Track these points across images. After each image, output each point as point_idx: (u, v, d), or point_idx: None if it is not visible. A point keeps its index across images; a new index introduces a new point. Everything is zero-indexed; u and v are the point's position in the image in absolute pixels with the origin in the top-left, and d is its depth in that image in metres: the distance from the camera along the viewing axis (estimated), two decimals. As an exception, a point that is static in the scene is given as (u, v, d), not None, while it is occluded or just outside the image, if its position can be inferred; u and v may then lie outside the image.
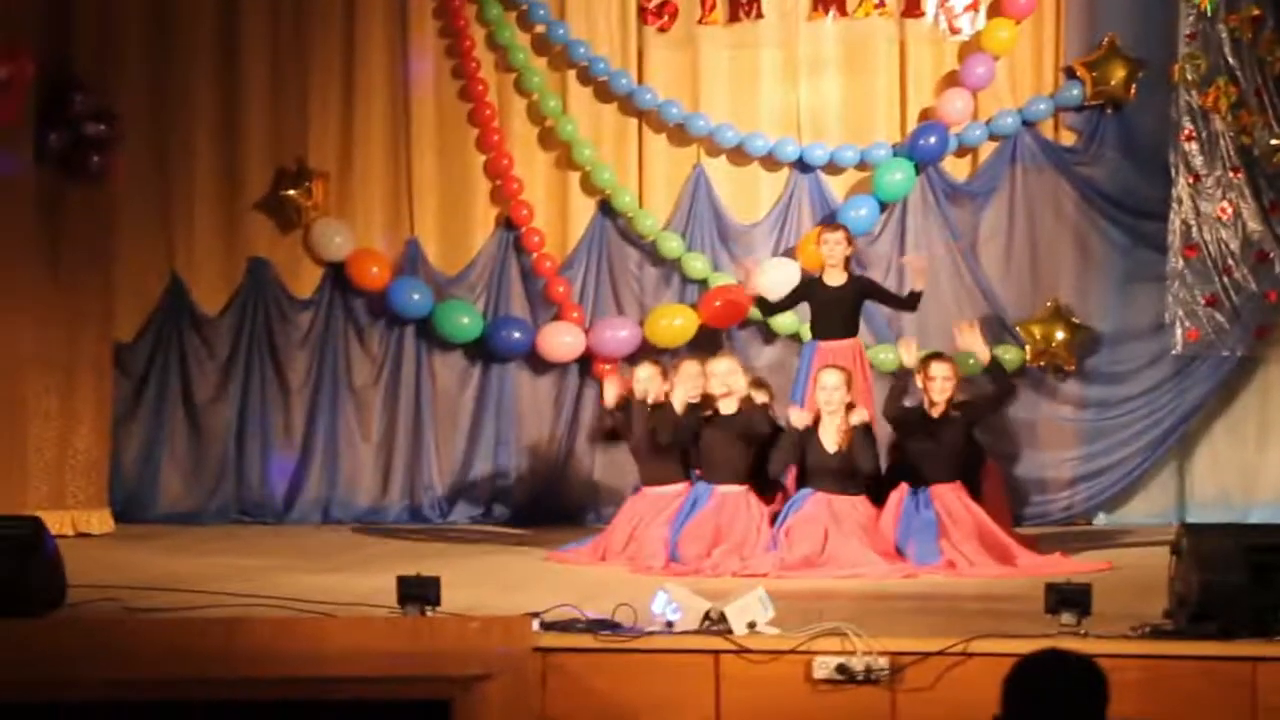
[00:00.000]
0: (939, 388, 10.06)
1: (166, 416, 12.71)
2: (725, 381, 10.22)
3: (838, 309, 11.00)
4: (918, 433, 10.04)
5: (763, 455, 10.19)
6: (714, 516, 9.93)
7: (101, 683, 6.46)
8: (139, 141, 12.55)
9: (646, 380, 10.54)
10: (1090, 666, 3.91)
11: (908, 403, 10.35)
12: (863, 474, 9.99)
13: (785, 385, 11.30)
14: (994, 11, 12.46)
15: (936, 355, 10.40)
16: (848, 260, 11.15)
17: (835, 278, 11.06)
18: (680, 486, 10.24)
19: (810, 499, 9.87)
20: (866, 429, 10.05)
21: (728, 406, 10.22)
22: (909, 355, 10.52)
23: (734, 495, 10.03)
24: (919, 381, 10.15)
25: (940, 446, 10.02)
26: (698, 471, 10.33)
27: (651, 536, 9.90)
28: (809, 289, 11.25)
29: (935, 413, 10.04)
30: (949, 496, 9.91)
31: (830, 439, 9.96)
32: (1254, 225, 11.64)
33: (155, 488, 12.62)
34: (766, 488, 10.26)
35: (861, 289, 11.13)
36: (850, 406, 10.05)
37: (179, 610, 7.52)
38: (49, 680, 6.50)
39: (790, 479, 10.30)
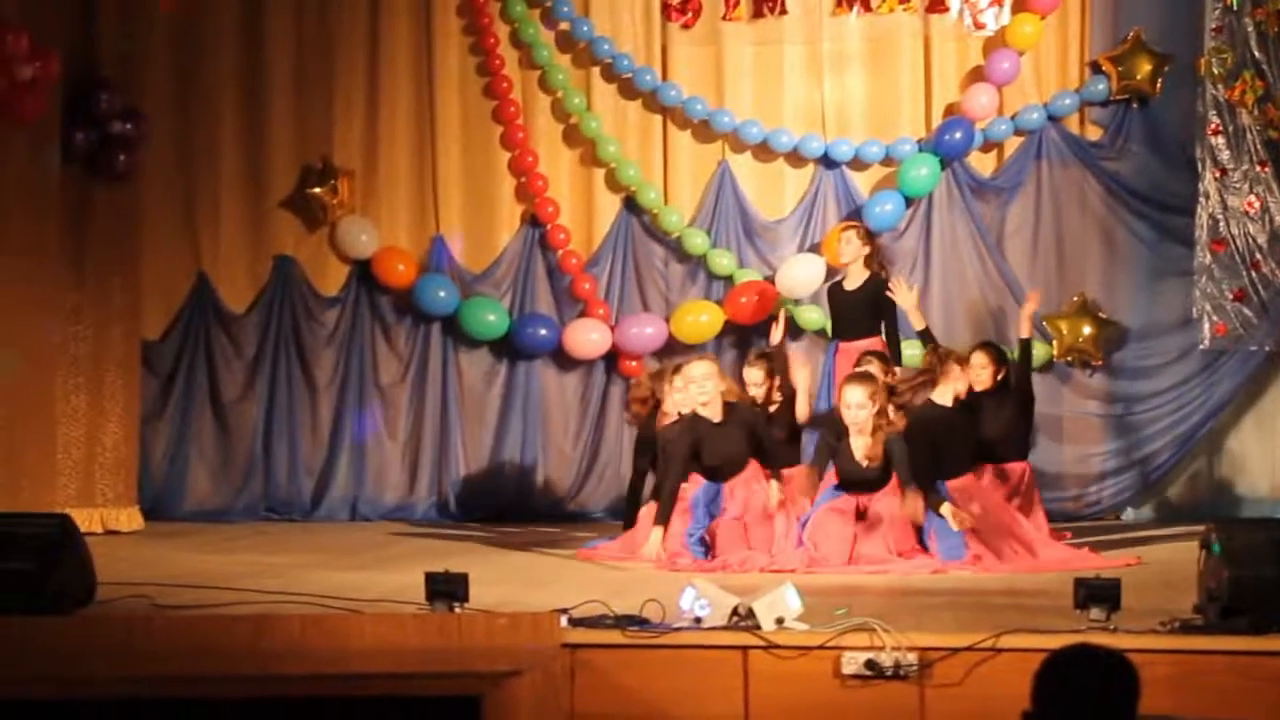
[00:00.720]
0: (979, 377, 10.06)
1: (194, 414, 12.75)
2: (703, 387, 9.95)
3: (855, 311, 11.03)
4: (941, 427, 9.94)
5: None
6: (736, 511, 9.88)
7: (130, 680, 6.46)
8: (165, 140, 12.60)
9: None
10: (1121, 661, 3.89)
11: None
12: (906, 483, 9.70)
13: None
14: (1019, 6, 12.45)
15: (981, 345, 10.43)
16: (868, 258, 11.13)
17: (853, 279, 11.10)
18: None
19: (840, 498, 9.77)
20: (899, 437, 9.69)
21: (713, 413, 10.09)
22: (906, 296, 10.74)
23: (744, 480, 10.00)
24: (949, 372, 10.01)
25: (977, 434, 10.00)
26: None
27: (677, 533, 9.86)
28: (829, 295, 11.35)
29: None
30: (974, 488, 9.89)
31: (861, 453, 9.76)
32: (1281, 219, 11.62)
33: (183, 485, 12.66)
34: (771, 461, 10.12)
35: (877, 294, 11.07)
36: (883, 415, 9.75)
37: (207, 607, 7.53)
38: (77, 677, 6.51)
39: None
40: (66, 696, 6.30)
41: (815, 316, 12.27)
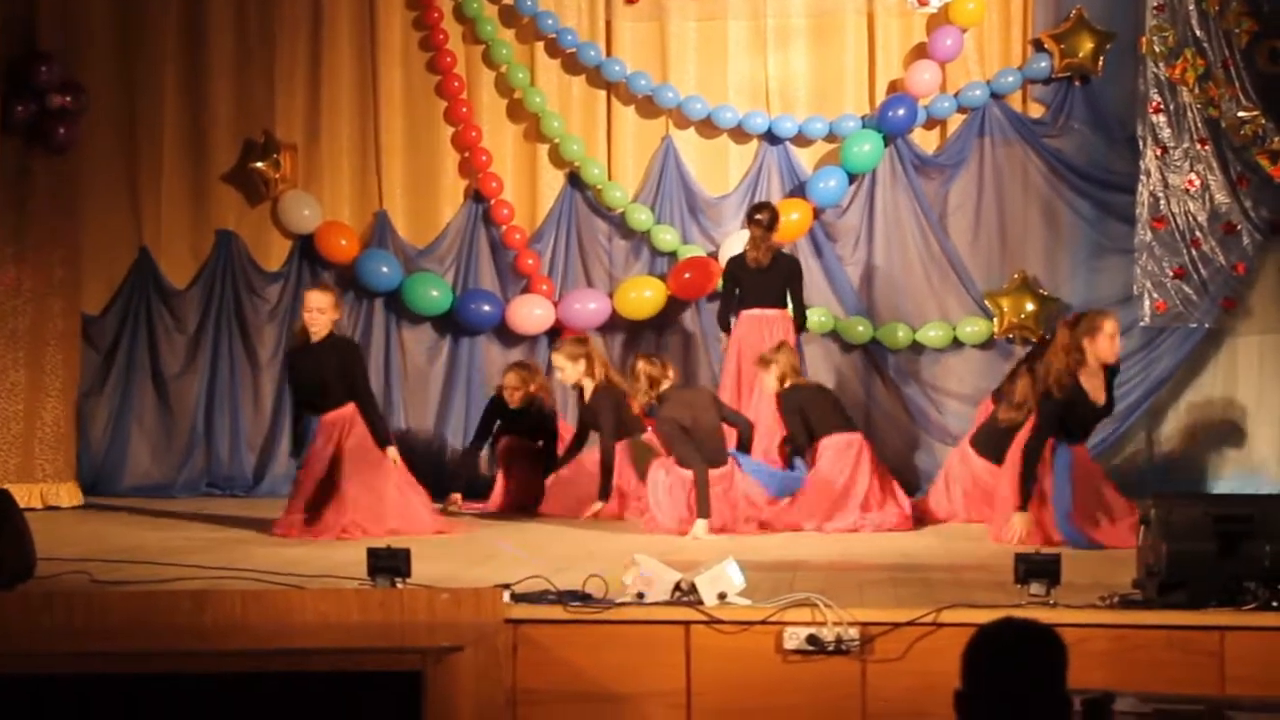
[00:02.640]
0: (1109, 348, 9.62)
1: (135, 390, 12.69)
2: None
3: (763, 283, 11.35)
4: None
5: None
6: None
7: (70, 655, 6.45)
8: (106, 114, 12.53)
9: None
10: (1047, 632, 3.90)
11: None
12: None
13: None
14: (962, -17, 12.48)
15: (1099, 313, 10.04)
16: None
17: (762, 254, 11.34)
18: None
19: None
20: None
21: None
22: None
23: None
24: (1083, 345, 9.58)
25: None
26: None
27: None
28: (737, 267, 11.53)
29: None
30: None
31: None
32: (1221, 197, 11.68)
33: (124, 461, 12.61)
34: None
35: (789, 268, 11.46)
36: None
37: (148, 583, 7.52)
38: (17, 653, 6.49)
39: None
40: (5, 671, 6.28)
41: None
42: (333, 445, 10.07)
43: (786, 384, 10.62)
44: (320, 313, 10.21)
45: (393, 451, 10.29)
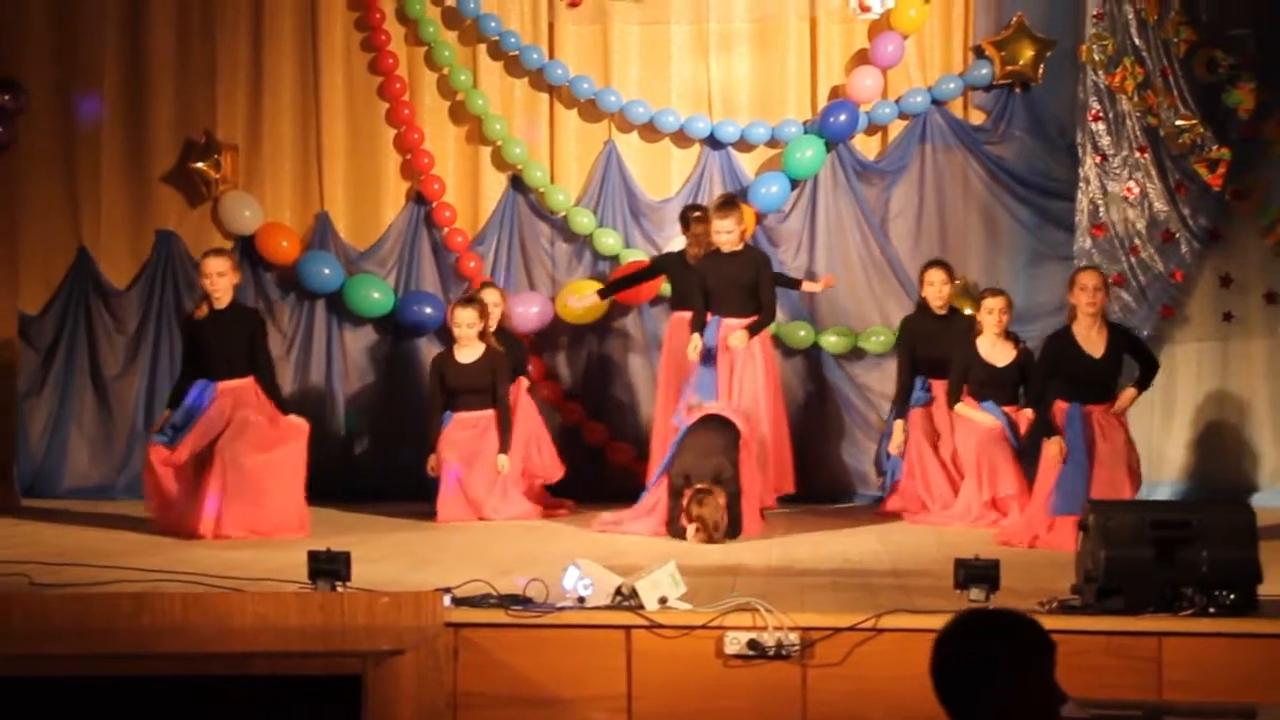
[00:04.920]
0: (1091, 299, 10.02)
1: (74, 390, 12.62)
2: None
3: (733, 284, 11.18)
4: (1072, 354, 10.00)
5: None
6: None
7: (8, 658, 6.41)
8: (45, 113, 12.49)
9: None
10: (1022, 619, 3.91)
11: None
12: None
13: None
14: (904, -10, 12.53)
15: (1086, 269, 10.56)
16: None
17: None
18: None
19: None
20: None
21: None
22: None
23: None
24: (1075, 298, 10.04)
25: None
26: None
27: None
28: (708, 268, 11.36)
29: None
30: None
31: None
32: (1160, 205, 11.75)
33: (62, 462, 12.54)
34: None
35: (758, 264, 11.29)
36: None
37: (87, 585, 7.47)
38: (-45, 656, 6.45)
39: None
40: (-57, 675, 6.24)
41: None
42: (226, 416, 10.04)
43: None
44: (220, 276, 10.20)
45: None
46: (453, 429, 11.12)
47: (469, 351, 11.18)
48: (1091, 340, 9.94)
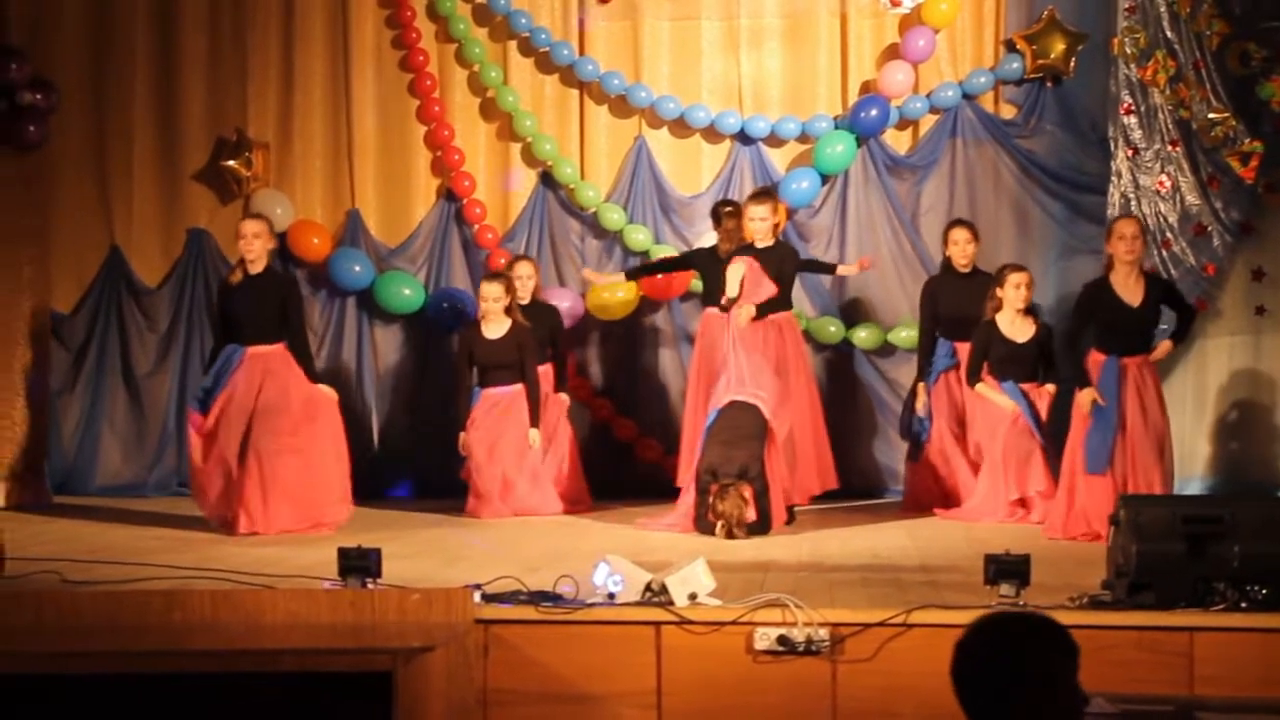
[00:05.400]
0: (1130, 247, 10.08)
1: (106, 389, 12.66)
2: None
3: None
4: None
5: None
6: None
7: (40, 655, 6.43)
8: (77, 111, 12.52)
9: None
10: (1045, 621, 3.88)
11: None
12: None
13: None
14: (934, -16, 12.50)
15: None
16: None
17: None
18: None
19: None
20: None
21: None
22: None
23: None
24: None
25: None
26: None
27: None
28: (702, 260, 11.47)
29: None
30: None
31: None
32: (1192, 199, 11.71)
33: (94, 460, 12.57)
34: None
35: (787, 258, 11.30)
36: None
37: (118, 583, 7.49)
38: (-13, 653, 6.47)
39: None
40: (-25, 672, 6.26)
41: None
42: (256, 385, 10.01)
43: None
44: (256, 238, 10.15)
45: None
46: (481, 407, 11.14)
47: (496, 327, 11.20)
48: (1129, 289, 9.99)
